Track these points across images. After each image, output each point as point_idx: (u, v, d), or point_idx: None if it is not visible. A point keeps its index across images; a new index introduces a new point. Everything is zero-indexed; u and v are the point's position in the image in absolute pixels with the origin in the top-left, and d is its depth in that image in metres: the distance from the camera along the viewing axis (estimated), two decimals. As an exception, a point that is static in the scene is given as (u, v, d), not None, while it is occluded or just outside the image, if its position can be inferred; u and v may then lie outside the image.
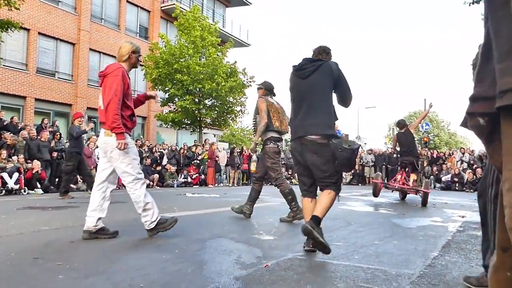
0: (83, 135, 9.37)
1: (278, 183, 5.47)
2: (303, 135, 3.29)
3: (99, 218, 3.75)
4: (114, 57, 17.92)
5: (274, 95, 5.73)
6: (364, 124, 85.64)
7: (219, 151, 18.06)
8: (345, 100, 3.44)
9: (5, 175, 10.48)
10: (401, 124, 9.40)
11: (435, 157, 19.87)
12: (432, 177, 18.07)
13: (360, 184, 19.86)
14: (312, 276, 2.60)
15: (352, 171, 20.46)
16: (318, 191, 3.42)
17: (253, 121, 5.69)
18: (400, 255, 3.31)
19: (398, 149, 9.34)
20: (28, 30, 17.67)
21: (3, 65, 15.70)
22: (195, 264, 2.84)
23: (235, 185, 17.41)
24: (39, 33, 18.42)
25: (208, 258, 3.04)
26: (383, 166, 19.80)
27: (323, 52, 3.52)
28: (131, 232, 4.09)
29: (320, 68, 3.34)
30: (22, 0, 11.31)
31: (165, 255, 3.09)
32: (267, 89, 5.69)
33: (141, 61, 18.94)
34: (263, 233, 4.21)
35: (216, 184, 16.79)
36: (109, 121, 3.67)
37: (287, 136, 6.75)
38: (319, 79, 3.33)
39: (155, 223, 3.80)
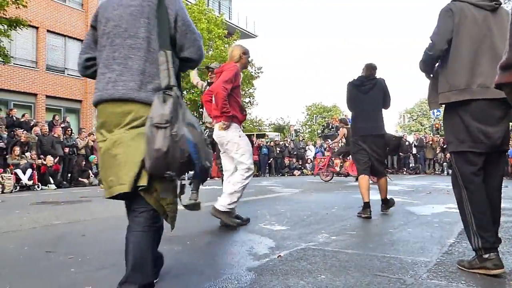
0: None
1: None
2: (370, 133, 4.77)
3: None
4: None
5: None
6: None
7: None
8: (388, 106, 4.94)
9: (19, 172, 10.60)
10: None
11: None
12: (445, 163, 17.88)
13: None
14: (326, 266, 2.55)
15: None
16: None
17: None
18: (415, 242, 3.24)
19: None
20: (36, 28, 17.75)
21: (14, 63, 15.80)
22: (207, 256, 2.82)
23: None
24: (48, 31, 18.49)
25: (220, 249, 3.02)
26: (394, 155, 19.62)
27: (372, 69, 4.94)
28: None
29: (376, 85, 4.81)
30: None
31: (177, 246, 3.07)
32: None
33: (250, 62, 19.02)
34: (275, 223, 4.18)
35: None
36: (219, 106, 3.90)
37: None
38: (376, 94, 4.81)
39: (226, 210, 3.94)
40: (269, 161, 19.26)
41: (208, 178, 2.08)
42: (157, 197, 1.81)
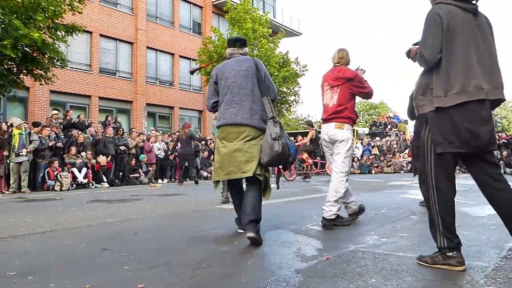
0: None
1: None
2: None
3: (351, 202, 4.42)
4: (170, 53, 18.39)
5: None
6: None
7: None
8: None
9: (75, 170, 11.16)
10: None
11: (504, 141, 18.57)
12: (501, 162, 16.94)
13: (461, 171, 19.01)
14: (376, 269, 2.49)
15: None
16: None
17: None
18: (471, 246, 3.09)
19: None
20: (90, 32, 18.59)
21: (70, 67, 16.63)
22: (254, 257, 2.83)
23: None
24: (100, 35, 19.32)
25: (268, 250, 3.01)
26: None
27: None
28: (191, 224, 4.16)
29: None
30: (84, 4, 11.88)
31: (225, 247, 3.11)
32: None
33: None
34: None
35: (273, 175, 16.83)
36: (368, 91, 4.24)
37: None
38: None
39: (335, 216, 4.07)
40: (315, 160, 19.07)
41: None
42: (264, 176, 3.39)
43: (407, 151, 20.54)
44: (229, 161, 3.34)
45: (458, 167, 18.45)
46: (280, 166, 3.77)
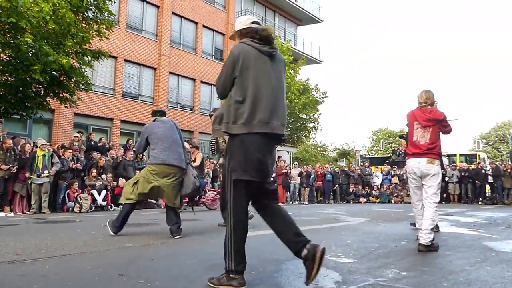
0: None
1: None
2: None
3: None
4: (192, 79, 18.85)
5: None
6: (445, 138, 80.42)
7: (291, 168, 17.99)
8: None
9: (95, 193, 11.30)
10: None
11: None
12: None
13: (443, 202, 18.58)
14: (396, 305, 2.42)
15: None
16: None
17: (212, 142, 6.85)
18: (495, 283, 2.98)
19: None
20: (115, 57, 19.15)
21: (94, 91, 17.08)
22: (271, 287, 2.78)
23: (305, 202, 17.14)
24: (125, 60, 19.87)
25: (285, 281, 2.97)
26: (469, 183, 18.41)
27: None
28: (208, 251, 4.13)
29: None
30: (111, 30, 12.30)
31: (242, 276, 3.07)
32: None
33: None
34: (341, 255, 4.05)
35: (291, 202, 16.71)
36: (450, 129, 4.83)
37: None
38: None
39: (431, 242, 4.44)
40: (334, 188, 18.90)
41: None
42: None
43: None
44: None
45: (481, 199, 18.04)
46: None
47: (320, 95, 20.76)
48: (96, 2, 11.55)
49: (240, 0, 26.66)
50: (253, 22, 2.92)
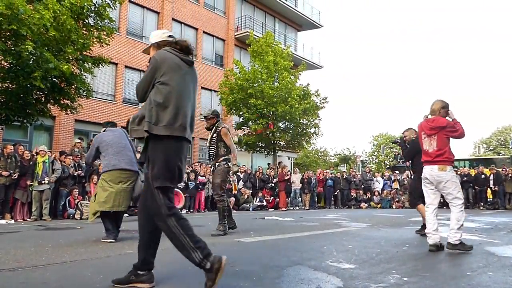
0: None
1: (220, 199, 6.42)
2: None
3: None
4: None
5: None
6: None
7: (292, 173, 17.96)
8: None
9: (95, 199, 11.24)
10: None
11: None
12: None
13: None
14: (398, 311, 2.41)
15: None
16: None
17: (212, 147, 6.59)
18: (498, 290, 2.97)
19: None
20: (116, 64, 19.21)
21: (95, 97, 17.11)
22: (273, 293, 2.78)
23: (306, 207, 17.10)
24: (125, 66, 19.93)
25: (286, 287, 2.96)
26: (469, 188, 18.34)
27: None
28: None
29: None
30: (111, 37, 12.35)
31: (243, 282, 3.07)
32: (217, 116, 6.81)
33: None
34: (342, 261, 4.04)
35: (292, 208, 16.67)
36: (460, 133, 4.93)
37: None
38: None
39: (459, 241, 4.77)
40: (335, 193, 18.87)
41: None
42: None
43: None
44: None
45: (482, 204, 17.99)
46: None
47: (320, 101, 20.78)
48: (96, 9, 11.61)
49: (240, 6, 26.77)
50: (169, 36, 3.07)
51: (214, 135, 6.58)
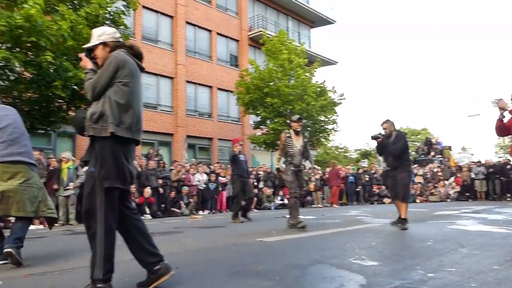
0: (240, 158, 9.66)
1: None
2: None
3: None
4: (208, 86, 18.98)
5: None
6: (469, 133, 78.37)
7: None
8: None
9: (118, 203, 11.45)
10: None
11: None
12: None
13: (470, 200, 18.19)
14: (423, 307, 2.39)
15: (460, 186, 18.94)
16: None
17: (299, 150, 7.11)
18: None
19: None
20: (132, 69, 19.43)
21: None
22: (296, 292, 2.78)
23: (321, 205, 17.03)
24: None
25: (309, 286, 2.96)
26: (496, 179, 17.95)
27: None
28: (231, 258, 4.16)
29: None
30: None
31: (266, 282, 3.08)
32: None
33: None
34: (365, 258, 4.01)
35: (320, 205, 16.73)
36: None
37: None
38: None
39: None
40: (357, 189, 18.71)
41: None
42: None
43: (452, 178, 19.76)
44: None
45: (509, 195, 17.55)
46: None
47: (337, 97, 20.63)
48: (111, 17, 11.79)
49: (253, 6, 26.77)
50: (119, 37, 3.09)
51: (305, 139, 7.20)
